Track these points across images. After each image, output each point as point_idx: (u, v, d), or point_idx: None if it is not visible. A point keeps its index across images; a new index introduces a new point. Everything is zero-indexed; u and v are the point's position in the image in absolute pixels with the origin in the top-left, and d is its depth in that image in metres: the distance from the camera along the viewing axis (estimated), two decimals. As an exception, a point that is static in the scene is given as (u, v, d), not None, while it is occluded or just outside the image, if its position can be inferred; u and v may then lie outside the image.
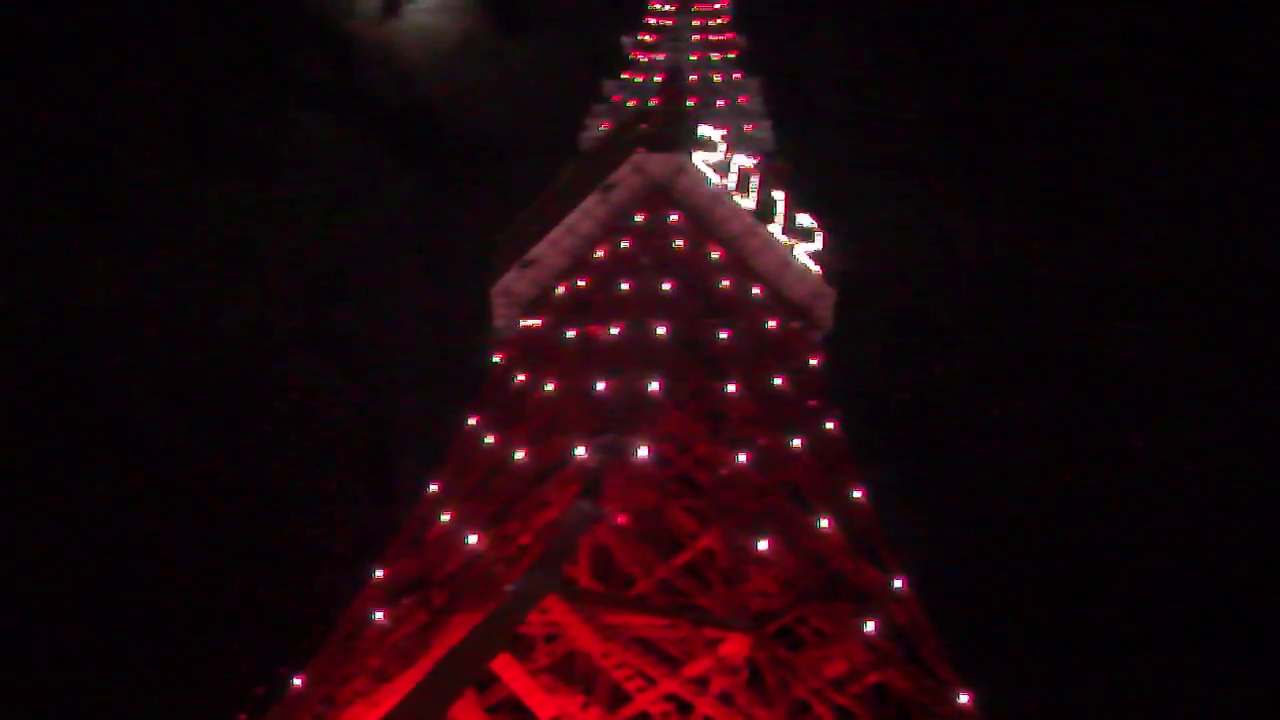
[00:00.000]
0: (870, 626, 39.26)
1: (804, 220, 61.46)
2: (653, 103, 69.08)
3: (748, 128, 70.75)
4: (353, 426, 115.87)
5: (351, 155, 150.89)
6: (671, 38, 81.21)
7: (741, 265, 58.71)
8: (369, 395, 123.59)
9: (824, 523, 43.93)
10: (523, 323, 58.94)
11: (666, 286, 52.78)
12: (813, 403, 52.70)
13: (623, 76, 77.70)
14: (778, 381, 51.66)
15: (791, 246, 60.24)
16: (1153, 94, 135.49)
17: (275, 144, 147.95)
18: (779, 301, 59.13)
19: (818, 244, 61.21)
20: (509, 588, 34.92)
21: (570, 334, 53.18)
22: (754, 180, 60.71)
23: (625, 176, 59.26)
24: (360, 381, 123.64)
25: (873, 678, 38.70)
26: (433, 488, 48.23)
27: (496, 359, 57.09)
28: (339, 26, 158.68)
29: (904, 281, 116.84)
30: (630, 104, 72.27)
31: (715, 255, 57.73)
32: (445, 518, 44.55)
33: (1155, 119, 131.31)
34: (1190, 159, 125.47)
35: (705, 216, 59.11)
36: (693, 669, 33.44)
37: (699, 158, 59.46)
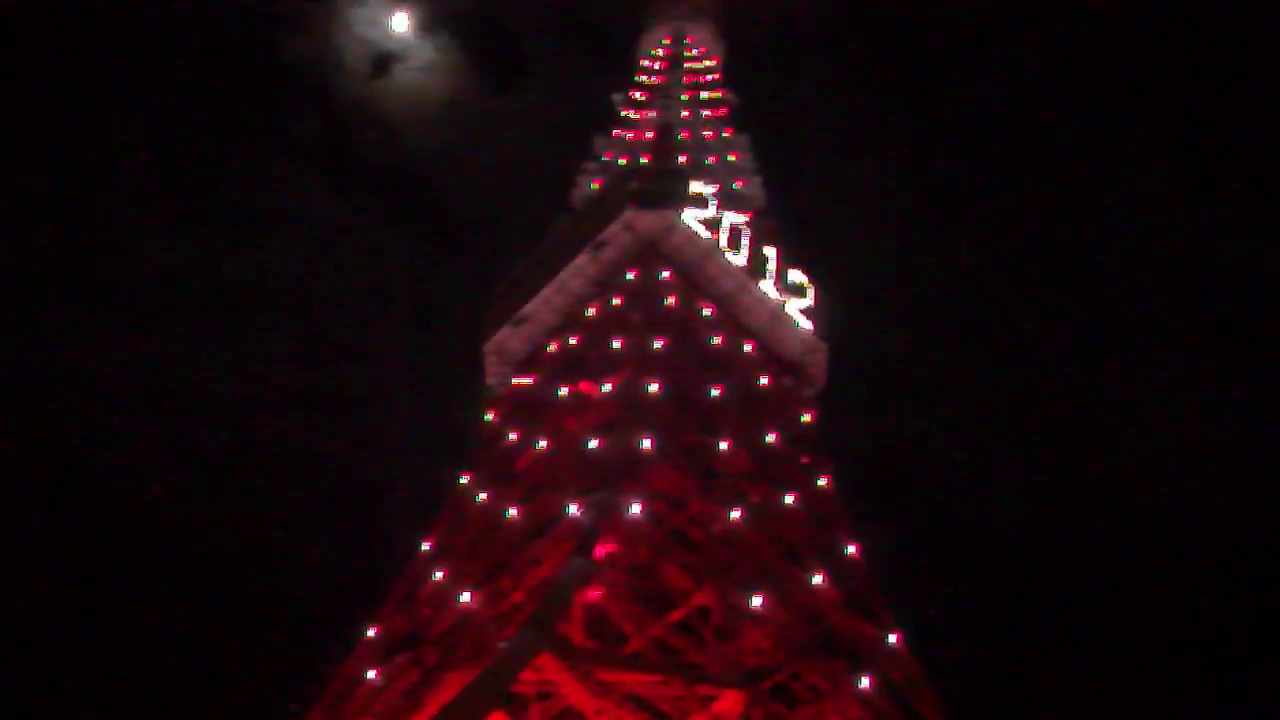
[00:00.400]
0: (865, 683, 39.37)
1: (795, 276, 61.94)
2: (643, 160, 69.69)
3: (738, 184, 71.35)
4: (344, 484, 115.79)
5: (341, 213, 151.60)
6: (662, 95, 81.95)
7: (733, 322, 59.14)
8: (361, 453, 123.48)
9: (818, 579, 44.18)
10: (515, 380, 59.25)
11: (658, 344, 53.12)
12: (805, 459, 52.99)
13: (613, 134, 78.32)
14: (770, 438, 51.96)
15: (783, 303, 60.70)
16: (1138, 143, 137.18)
17: (265, 202, 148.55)
18: (771, 358, 59.51)
19: (809, 300, 61.65)
20: (502, 645, 35.12)
21: (562, 391, 53.49)
22: (745, 237, 61.27)
23: (616, 234, 59.81)
24: (352, 439, 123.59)
25: (868, 734, 38.88)
26: (425, 545, 48.40)
27: (489, 416, 57.38)
28: (328, 84, 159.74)
29: (894, 334, 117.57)
30: (621, 161, 72.82)
31: (707, 312, 58.16)
32: (438, 575, 44.74)
33: (1137, 165, 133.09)
34: (1169, 204, 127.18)
35: (696, 273, 59.62)
36: (687, 726, 33.60)
37: (689, 215, 60.02)
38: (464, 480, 51.10)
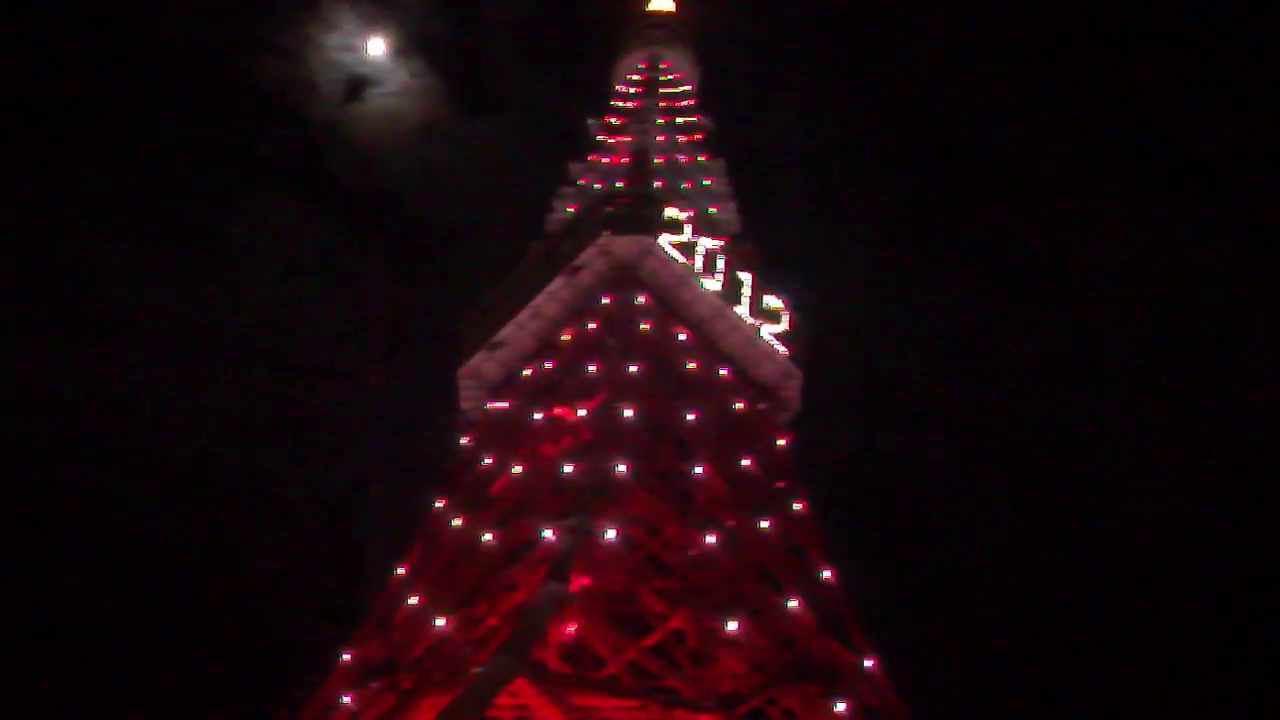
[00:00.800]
0: (841, 707, 39.67)
1: (771, 301, 62.25)
2: (619, 185, 70.00)
3: (714, 209, 71.69)
4: (317, 507, 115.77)
5: (315, 237, 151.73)
6: (638, 120, 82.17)
7: (709, 347, 59.44)
8: (334, 475, 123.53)
9: (793, 603, 44.49)
10: (490, 404, 59.42)
11: (634, 368, 53.42)
12: (781, 483, 53.29)
13: (589, 159, 78.56)
14: (746, 462, 52.26)
15: (758, 328, 61.05)
16: (1111, 170, 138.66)
17: (237, 225, 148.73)
18: (747, 383, 59.82)
19: (784, 325, 61.99)
20: (477, 670, 35.33)
21: (537, 416, 53.73)
22: (720, 262, 61.57)
23: (592, 258, 60.03)
24: (325, 462, 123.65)
25: (844, 758, 39.16)
26: (400, 570, 48.58)
27: (463, 441, 57.53)
28: (302, 108, 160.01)
29: (870, 359, 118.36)
30: (596, 186, 73.08)
31: (682, 337, 58.49)
32: (413, 600, 44.91)
33: (1114, 194, 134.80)
34: (1150, 234, 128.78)
35: (672, 298, 59.92)
36: (663, 751, 33.80)
37: (665, 240, 60.36)
38: (439, 504, 51.27)
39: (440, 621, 41.87)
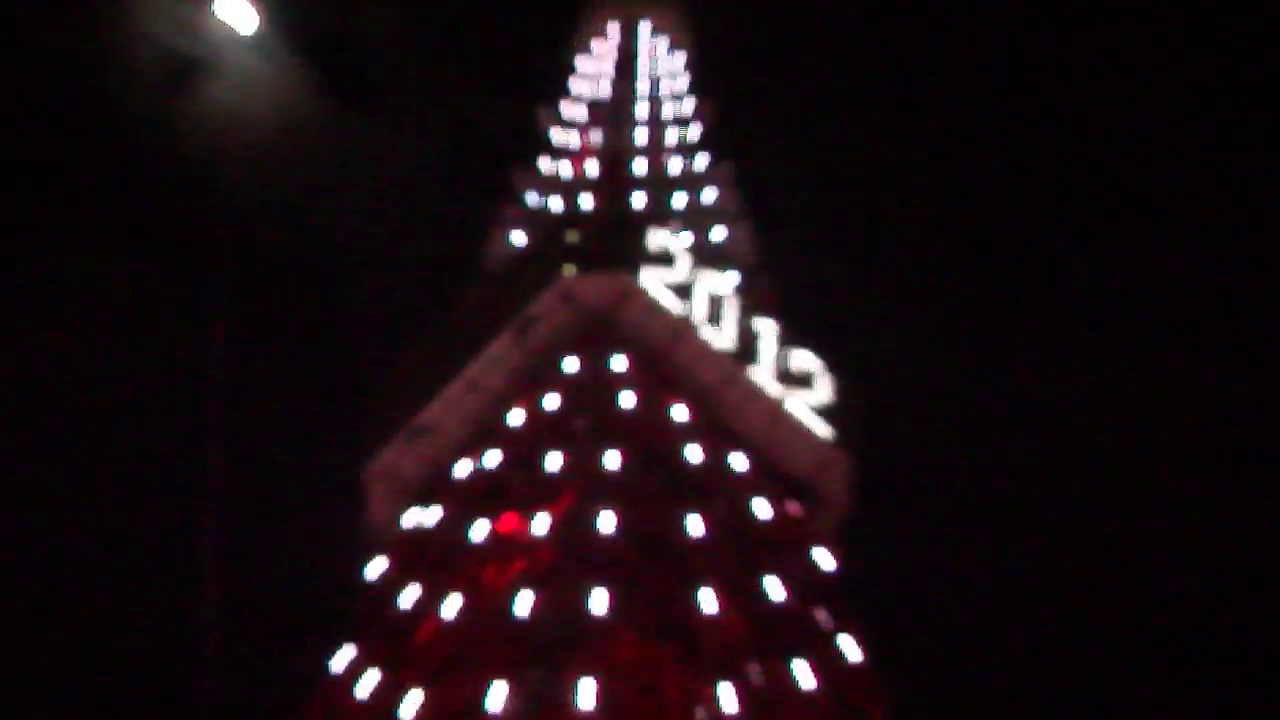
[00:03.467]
0: None
1: (802, 360, 62.41)
2: (586, 203, 70.52)
3: (718, 233, 72.09)
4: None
5: (136, 281, 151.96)
6: (610, 111, 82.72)
7: (717, 427, 59.70)
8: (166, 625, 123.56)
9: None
10: (412, 516, 59.58)
11: (613, 460, 53.79)
12: (822, 613, 53.52)
13: (540, 165, 78.77)
14: (774, 587, 52.43)
15: (785, 398, 61.32)
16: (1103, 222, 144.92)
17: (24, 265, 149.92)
18: (771, 475, 60.01)
19: (822, 393, 62.10)
20: None
21: (479, 530, 53.86)
22: (730, 307, 61.88)
23: (551, 307, 60.44)
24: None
25: None
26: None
27: (375, 567, 57.57)
28: (114, 106, 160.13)
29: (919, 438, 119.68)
30: (553, 205, 73.58)
31: (680, 414, 58.70)
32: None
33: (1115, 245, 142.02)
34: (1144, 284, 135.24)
35: (664, 360, 60.29)
36: None
37: (652, 278, 60.74)
38: (343, 656, 51.41)
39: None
